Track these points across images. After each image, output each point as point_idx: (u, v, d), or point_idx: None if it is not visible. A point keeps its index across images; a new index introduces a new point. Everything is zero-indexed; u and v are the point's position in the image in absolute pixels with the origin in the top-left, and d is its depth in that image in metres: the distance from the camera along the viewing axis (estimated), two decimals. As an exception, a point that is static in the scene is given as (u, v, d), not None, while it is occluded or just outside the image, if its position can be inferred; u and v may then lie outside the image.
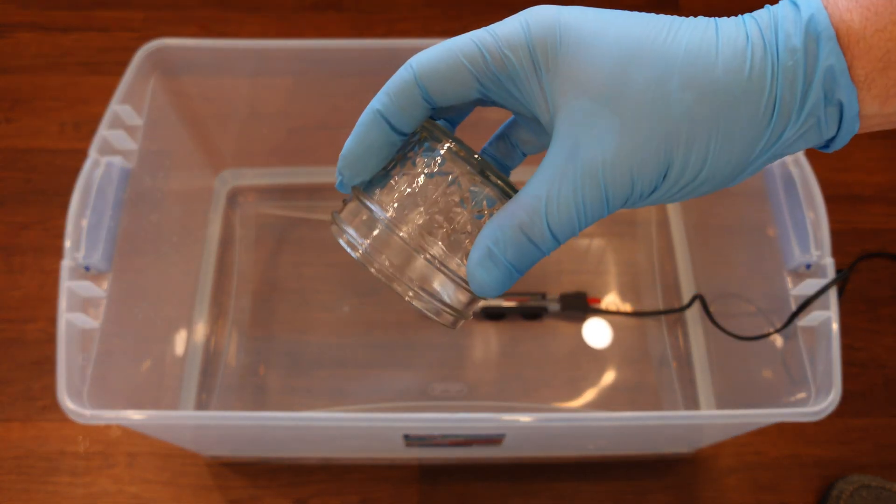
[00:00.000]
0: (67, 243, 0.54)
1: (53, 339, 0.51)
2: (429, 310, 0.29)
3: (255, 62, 0.68)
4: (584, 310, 0.76)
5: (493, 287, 0.27)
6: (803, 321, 0.55)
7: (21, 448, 0.69)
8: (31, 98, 0.88)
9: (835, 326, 0.52)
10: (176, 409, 0.70)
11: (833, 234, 0.54)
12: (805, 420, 0.51)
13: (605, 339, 0.76)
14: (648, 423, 0.54)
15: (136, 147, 0.61)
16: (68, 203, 0.55)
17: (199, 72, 0.69)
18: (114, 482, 0.68)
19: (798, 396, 0.55)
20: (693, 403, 0.72)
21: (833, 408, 0.50)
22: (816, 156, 0.55)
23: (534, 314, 0.76)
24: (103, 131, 0.58)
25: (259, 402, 0.73)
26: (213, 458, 0.69)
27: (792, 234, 0.56)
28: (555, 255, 0.78)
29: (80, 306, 0.54)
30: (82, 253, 0.54)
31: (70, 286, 0.53)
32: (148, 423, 0.53)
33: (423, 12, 0.96)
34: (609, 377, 0.74)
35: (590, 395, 0.73)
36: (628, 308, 0.77)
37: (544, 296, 0.76)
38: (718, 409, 0.70)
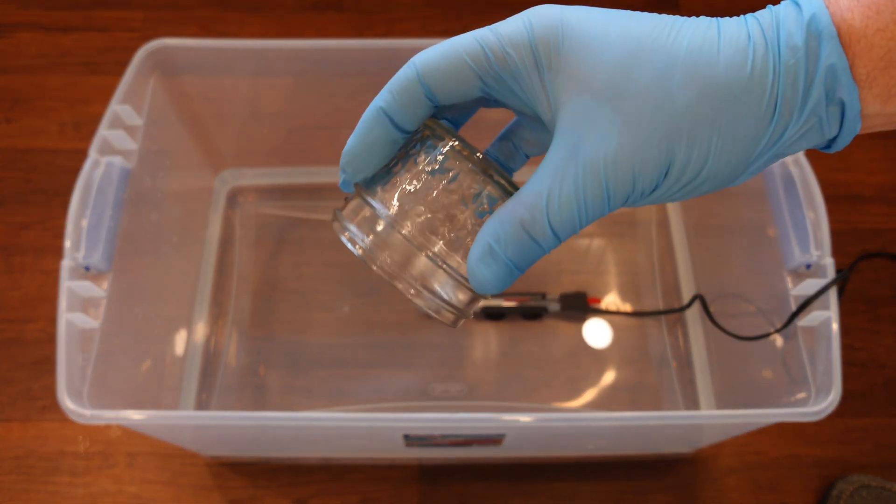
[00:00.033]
0: (67, 243, 0.54)
1: (53, 339, 0.51)
2: (430, 308, 0.28)
3: (255, 62, 0.68)
4: (584, 310, 0.76)
5: (493, 284, 0.27)
6: (803, 321, 0.55)
7: (21, 448, 0.69)
8: (31, 98, 0.88)
9: (835, 326, 0.52)
10: (176, 409, 0.70)
11: (833, 234, 0.54)
12: (805, 420, 0.51)
13: (605, 339, 0.76)
14: (648, 423, 0.54)
15: (136, 147, 0.61)
16: (68, 203, 0.55)
17: (199, 72, 0.69)
18: (114, 482, 0.68)
19: (798, 396, 0.55)
20: (693, 403, 0.72)
21: (833, 408, 0.50)
22: (816, 156, 0.55)
23: (534, 314, 0.76)
24: (103, 131, 0.58)
25: (259, 402, 0.73)
26: (213, 458, 0.69)
27: (792, 234, 0.56)
28: (555, 255, 0.78)
29: (80, 306, 0.54)
30: (82, 253, 0.54)
31: (70, 286, 0.53)
32: (148, 423, 0.53)
33: (423, 12, 0.96)
34: (609, 377, 0.74)
35: (590, 395, 0.73)
36: (628, 308, 0.77)
37: (544, 296, 0.76)
38: (718, 409, 0.70)
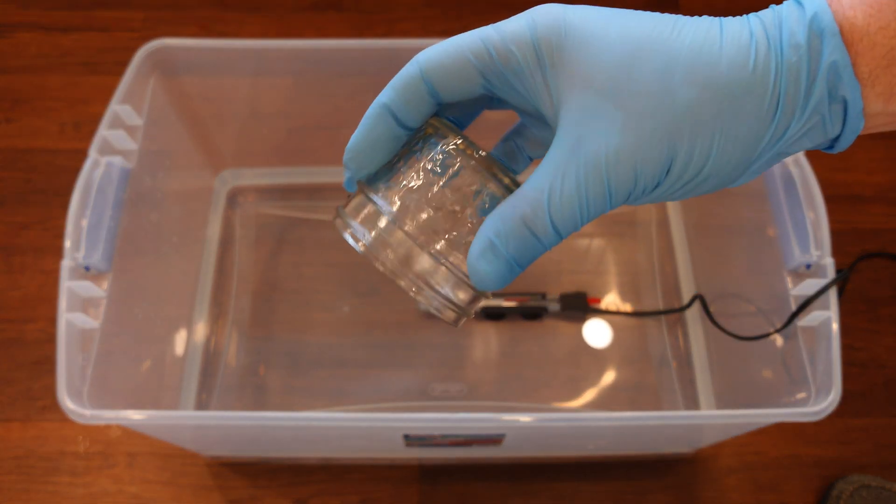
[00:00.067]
0: (67, 243, 0.53)
1: (53, 339, 0.51)
2: (432, 305, 0.28)
3: (255, 62, 0.68)
4: (584, 310, 0.76)
5: (493, 280, 0.27)
6: (803, 321, 0.55)
7: (21, 448, 0.69)
8: (31, 98, 0.88)
9: (835, 326, 0.52)
10: (176, 409, 0.70)
11: (833, 234, 0.54)
12: (805, 420, 0.50)
13: (605, 339, 0.76)
14: (648, 423, 0.54)
15: (136, 147, 0.61)
16: (68, 203, 0.55)
17: (199, 72, 0.69)
18: (114, 482, 0.68)
19: (798, 396, 0.55)
20: (693, 403, 0.72)
21: (833, 408, 0.50)
22: (816, 156, 0.55)
23: (534, 314, 0.76)
24: (103, 131, 0.58)
25: (259, 402, 0.73)
26: (213, 458, 0.69)
27: (792, 234, 0.56)
28: (555, 254, 0.78)
29: (80, 306, 0.54)
30: (82, 253, 0.54)
31: (70, 286, 0.52)
32: (148, 423, 0.53)
33: (423, 12, 0.96)
34: (609, 377, 0.74)
35: (590, 395, 0.73)
36: (628, 308, 0.77)
37: (544, 296, 0.76)
38: (718, 409, 0.70)
